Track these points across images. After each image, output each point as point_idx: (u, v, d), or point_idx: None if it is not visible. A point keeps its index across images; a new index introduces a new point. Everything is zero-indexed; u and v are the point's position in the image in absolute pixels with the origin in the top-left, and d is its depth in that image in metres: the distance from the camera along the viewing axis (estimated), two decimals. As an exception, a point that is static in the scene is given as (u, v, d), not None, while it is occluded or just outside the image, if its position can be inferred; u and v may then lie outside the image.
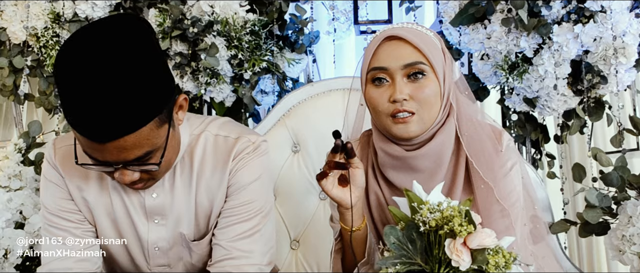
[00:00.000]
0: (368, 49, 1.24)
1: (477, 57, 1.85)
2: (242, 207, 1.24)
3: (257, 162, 1.25)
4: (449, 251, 0.94)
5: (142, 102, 1.00)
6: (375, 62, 1.20)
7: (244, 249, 1.22)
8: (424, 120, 1.18)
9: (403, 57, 1.18)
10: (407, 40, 1.18)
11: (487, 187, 1.19)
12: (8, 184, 1.69)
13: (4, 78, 2.04)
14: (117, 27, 1.02)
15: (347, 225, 1.19)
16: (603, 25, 1.65)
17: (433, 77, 1.18)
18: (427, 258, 0.97)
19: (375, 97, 1.20)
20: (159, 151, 1.09)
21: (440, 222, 0.95)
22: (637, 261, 1.44)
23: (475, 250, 0.94)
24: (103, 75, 0.97)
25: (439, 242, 0.95)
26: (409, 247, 0.97)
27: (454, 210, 0.95)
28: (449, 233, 0.94)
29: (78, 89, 0.97)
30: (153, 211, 1.24)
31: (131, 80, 0.98)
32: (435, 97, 1.18)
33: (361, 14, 2.22)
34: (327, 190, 1.15)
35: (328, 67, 2.35)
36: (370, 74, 1.21)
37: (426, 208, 0.97)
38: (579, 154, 2.40)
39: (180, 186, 1.24)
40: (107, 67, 0.97)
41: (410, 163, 1.22)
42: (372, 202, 1.29)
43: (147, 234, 1.26)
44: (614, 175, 1.49)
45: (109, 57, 0.98)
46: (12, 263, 1.60)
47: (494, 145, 1.24)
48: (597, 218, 1.50)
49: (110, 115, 0.98)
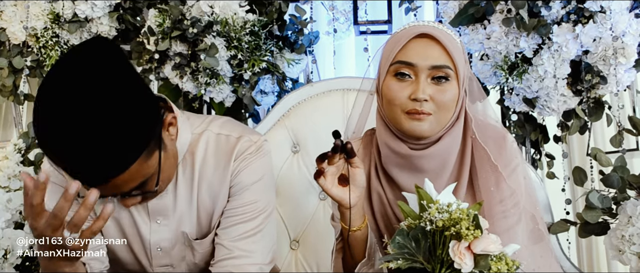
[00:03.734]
0: (393, 41, 1.22)
1: (476, 57, 1.85)
2: (245, 207, 1.24)
3: (259, 163, 1.25)
4: (452, 253, 0.93)
5: (126, 141, 0.98)
6: (403, 55, 1.18)
7: (245, 249, 1.22)
8: (437, 122, 1.18)
9: (432, 57, 1.17)
10: (439, 40, 1.17)
11: (496, 187, 1.20)
12: (8, 184, 1.69)
13: (3, 78, 2.04)
14: (91, 62, 0.98)
15: (347, 225, 1.19)
16: (603, 26, 1.65)
17: (455, 83, 1.18)
18: (429, 258, 0.97)
19: (395, 90, 1.18)
20: (153, 177, 1.08)
21: (448, 223, 0.95)
22: (636, 261, 1.44)
23: (478, 254, 0.93)
24: (82, 121, 0.94)
25: (444, 243, 0.95)
26: (412, 246, 0.97)
27: (463, 213, 0.95)
28: (454, 236, 0.94)
29: (59, 136, 0.95)
30: (156, 212, 1.24)
31: (113, 122, 0.96)
32: (453, 102, 1.19)
33: (361, 14, 2.22)
34: (327, 189, 1.15)
35: (328, 68, 2.35)
36: (394, 67, 1.19)
37: (435, 207, 0.97)
38: (579, 154, 2.40)
39: (183, 185, 1.24)
40: (86, 111, 0.94)
41: (415, 163, 1.22)
42: (374, 201, 1.29)
43: (149, 235, 1.26)
44: (615, 177, 1.49)
45: (87, 99, 0.95)
46: (12, 264, 1.60)
47: (499, 145, 1.24)
48: (596, 219, 1.50)
49: (94, 161, 0.96)
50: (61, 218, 0.96)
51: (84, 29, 1.98)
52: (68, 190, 0.95)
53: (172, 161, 1.16)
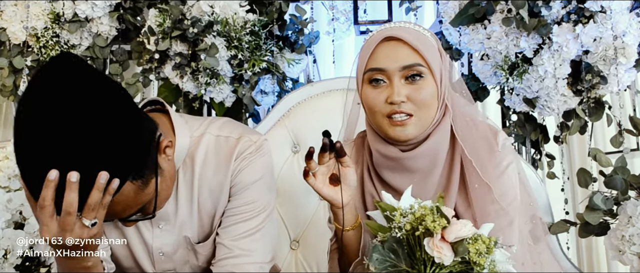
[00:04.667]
0: (365, 49, 1.23)
1: (477, 57, 1.85)
2: (245, 207, 1.24)
3: (259, 162, 1.25)
4: (429, 249, 0.94)
5: (117, 175, 0.95)
6: (373, 62, 1.19)
7: (245, 248, 1.22)
8: (421, 122, 1.18)
9: (401, 58, 1.17)
10: (405, 41, 1.17)
11: (482, 186, 1.19)
12: (8, 185, 1.69)
13: (4, 78, 2.04)
14: (71, 96, 0.92)
15: (340, 224, 1.19)
16: (603, 26, 1.65)
17: (430, 79, 1.18)
18: (412, 262, 0.97)
19: (372, 98, 1.19)
20: (151, 203, 1.07)
21: (415, 223, 0.95)
22: (636, 261, 1.44)
23: (454, 242, 0.94)
24: (68, 161, 0.91)
25: (419, 244, 0.95)
26: (392, 257, 0.97)
27: (425, 209, 0.96)
28: (426, 233, 0.94)
29: (43, 172, 0.91)
30: (158, 217, 1.23)
31: (102, 161, 0.93)
32: (433, 99, 1.18)
33: (361, 14, 2.22)
34: (318, 189, 1.15)
35: (328, 67, 2.35)
36: (367, 75, 1.20)
37: (399, 213, 0.97)
38: (579, 154, 2.40)
39: (183, 190, 1.24)
40: (71, 151, 0.91)
41: (405, 164, 1.22)
42: (368, 203, 1.29)
43: (152, 240, 1.26)
44: (618, 179, 1.49)
45: (72, 137, 0.91)
46: (12, 264, 1.60)
47: (490, 144, 1.23)
48: (598, 220, 1.50)
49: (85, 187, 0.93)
50: (73, 213, 0.94)
51: (84, 29, 1.98)
52: (98, 180, 0.93)
53: (169, 182, 1.14)
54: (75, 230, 0.95)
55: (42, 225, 0.94)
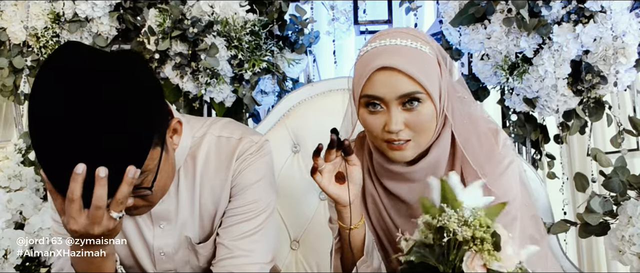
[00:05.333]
0: (359, 73, 1.18)
1: (477, 57, 1.85)
2: (246, 207, 1.24)
3: (260, 162, 1.25)
4: (466, 267, 0.89)
5: (141, 125, 0.97)
6: (369, 89, 1.15)
7: (246, 248, 1.22)
8: (420, 144, 1.17)
9: (399, 87, 1.12)
10: (402, 70, 1.12)
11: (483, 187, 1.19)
12: (8, 185, 1.69)
13: (4, 78, 2.04)
14: (80, 59, 0.95)
15: (345, 223, 1.19)
16: (603, 26, 1.65)
17: (429, 102, 1.14)
18: (441, 259, 0.94)
19: (370, 123, 1.17)
20: (150, 174, 1.06)
21: (468, 239, 0.90)
22: (636, 261, 1.44)
23: (492, 270, 0.90)
24: (94, 154, 0.92)
25: (458, 248, 0.91)
26: (426, 249, 0.95)
27: (486, 229, 0.90)
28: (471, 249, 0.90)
29: (74, 130, 0.92)
30: (159, 216, 1.24)
31: (127, 153, 0.95)
32: (431, 121, 1.16)
33: (361, 14, 2.22)
34: (324, 186, 1.15)
35: (328, 67, 2.35)
36: (363, 99, 1.17)
37: (456, 218, 0.91)
38: (579, 154, 2.40)
39: (185, 190, 1.24)
40: (98, 144, 0.92)
41: (407, 176, 1.23)
42: (369, 204, 1.30)
43: (152, 240, 1.26)
44: (616, 182, 1.49)
45: (99, 129, 0.92)
46: (12, 264, 1.60)
47: (490, 143, 1.23)
48: (597, 221, 1.50)
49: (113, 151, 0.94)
50: (103, 207, 0.95)
51: (85, 29, 1.98)
52: (127, 174, 0.94)
53: (170, 168, 1.14)
54: (103, 222, 0.97)
55: (69, 218, 0.95)
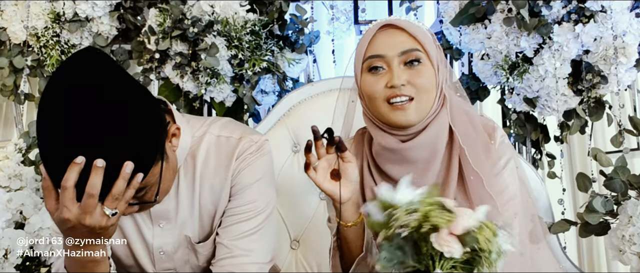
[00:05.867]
0: (363, 40, 1.25)
1: (477, 57, 1.85)
2: (245, 207, 1.24)
3: (260, 162, 1.26)
4: (438, 245, 0.92)
5: (144, 146, 0.98)
6: (372, 50, 1.22)
7: (245, 248, 1.22)
8: (421, 106, 1.19)
9: (399, 44, 1.20)
10: (403, 28, 1.21)
11: (477, 178, 1.20)
12: (8, 184, 1.69)
13: (4, 78, 2.04)
14: (92, 74, 0.97)
15: (341, 218, 1.20)
16: (603, 25, 1.65)
17: (429, 65, 1.21)
18: (418, 258, 0.96)
19: (372, 84, 1.21)
20: (153, 188, 1.08)
21: (421, 220, 0.93)
22: (636, 261, 1.44)
23: (461, 234, 0.92)
24: (95, 148, 0.94)
25: (425, 239, 0.93)
26: (399, 254, 0.96)
27: (429, 205, 0.93)
28: (431, 228, 0.93)
29: (64, 153, 0.94)
30: (158, 215, 1.24)
31: (127, 151, 0.96)
32: (431, 85, 1.20)
33: (361, 14, 2.22)
34: (319, 183, 1.16)
35: (328, 67, 2.35)
36: (366, 63, 1.22)
37: (403, 211, 0.94)
38: (579, 154, 2.40)
39: (184, 189, 1.24)
40: (99, 139, 0.94)
41: (405, 154, 1.23)
42: (368, 197, 1.30)
43: (152, 239, 1.26)
44: (617, 182, 1.49)
45: (102, 125, 0.94)
46: (12, 263, 1.60)
47: (486, 139, 1.24)
48: (597, 220, 1.50)
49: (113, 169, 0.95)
50: (96, 196, 0.95)
51: (85, 29, 1.98)
52: (124, 169, 0.95)
53: (171, 173, 1.15)
54: (95, 215, 0.97)
55: (63, 207, 0.96)
